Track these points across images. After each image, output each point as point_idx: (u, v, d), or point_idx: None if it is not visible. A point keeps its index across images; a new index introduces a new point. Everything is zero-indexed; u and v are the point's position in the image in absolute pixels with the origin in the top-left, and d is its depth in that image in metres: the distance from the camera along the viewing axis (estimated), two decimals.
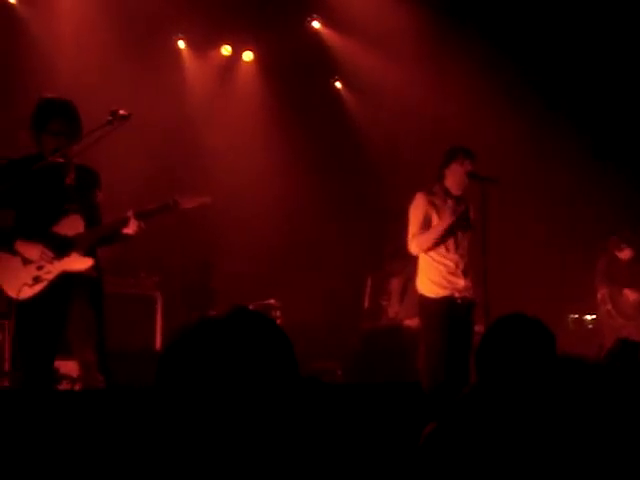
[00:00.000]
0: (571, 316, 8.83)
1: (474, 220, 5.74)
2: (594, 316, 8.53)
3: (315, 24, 9.52)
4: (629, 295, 7.85)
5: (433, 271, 5.63)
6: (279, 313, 7.74)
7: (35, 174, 4.38)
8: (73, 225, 4.48)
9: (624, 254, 7.89)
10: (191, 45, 9.41)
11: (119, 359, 6.14)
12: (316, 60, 9.54)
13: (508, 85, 8.87)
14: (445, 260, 5.63)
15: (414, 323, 7.22)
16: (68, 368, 5.56)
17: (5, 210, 4.47)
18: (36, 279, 4.37)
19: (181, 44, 9.37)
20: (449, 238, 5.64)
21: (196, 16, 8.78)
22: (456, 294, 5.59)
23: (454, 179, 5.68)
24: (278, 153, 9.40)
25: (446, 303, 5.56)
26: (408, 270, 7.10)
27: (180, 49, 9.39)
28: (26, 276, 4.36)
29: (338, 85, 10.11)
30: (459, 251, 5.66)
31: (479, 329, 5.59)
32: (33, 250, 4.37)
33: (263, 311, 6.86)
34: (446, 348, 5.45)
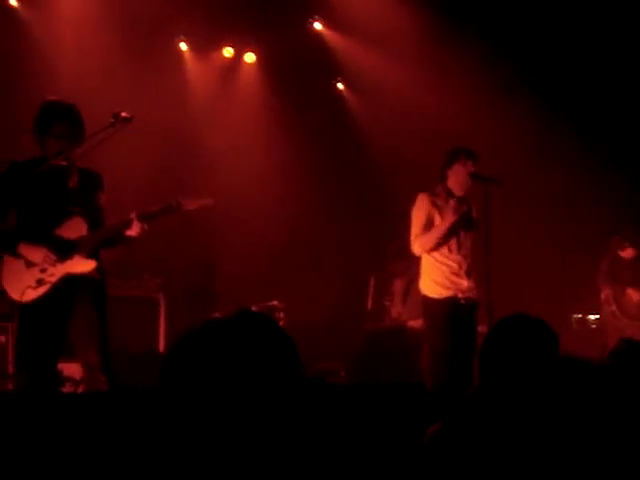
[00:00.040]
0: (574, 316, 8.82)
1: (477, 220, 5.74)
2: (597, 316, 8.52)
3: (317, 25, 9.52)
4: (632, 295, 7.85)
5: (436, 272, 5.63)
6: (282, 314, 7.74)
7: (38, 177, 4.39)
8: (76, 228, 4.49)
9: (627, 253, 7.89)
10: (193, 47, 9.42)
11: (122, 361, 6.17)
12: (317, 61, 9.54)
13: (509, 85, 8.86)
14: (448, 261, 5.62)
15: (417, 324, 7.22)
16: (71, 370, 5.57)
17: (9, 213, 4.48)
18: (39, 282, 4.37)
19: (183, 46, 9.37)
20: (452, 239, 5.63)
21: (198, 18, 8.78)
22: (459, 295, 5.59)
23: (456, 180, 5.67)
24: (280, 154, 9.40)
25: (449, 304, 5.55)
26: (411, 271, 7.09)
27: (182, 51, 9.40)
28: (29, 279, 4.36)
29: (340, 86, 10.11)
30: (462, 252, 5.66)
31: (482, 329, 5.59)
32: (36, 253, 4.37)
33: (266, 312, 6.86)
34: (449, 349, 5.45)
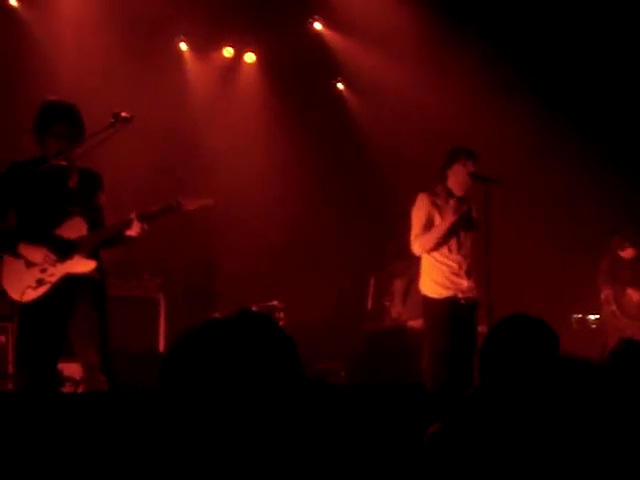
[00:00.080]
0: (574, 316, 8.81)
1: (477, 220, 5.74)
2: (597, 316, 8.52)
3: (317, 25, 9.52)
4: (632, 295, 7.84)
5: (436, 272, 5.63)
6: (282, 314, 7.74)
7: (38, 177, 4.39)
8: (76, 228, 4.49)
9: (627, 253, 7.89)
10: (193, 47, 9.42)
11: (122, 361, 6.17)
12: (317, 61, 9.54)
13: (509, 85, 8.86)
14: (448, 261, 5.62)
15: (417, 324, 7.23)
16: (71, 370, 5.57)
17: (9, 213, 4.49)
18: (39, 282, 4.38)
19: (183, 46, 9.37)
20: (452, 239, 5.63)
21: (198, 18, 8.78)
22: (459, 295, 5.59)
23: (456, 180, 5.67)
24: (280, 154, 9.40)
25: (449, 304, 5.55)
26: (411, 271, 7.09)
27: (182, 51, 9.40)
28: (29, 279, 4.37)
29: (340, 86, 10.11)
30: (462, 252, 5.66)
31: (482, 329, 5.59)
32: (36, 253, 4.37)
33: (266, 312, 6.86)
34: (450, 349, 5.45)
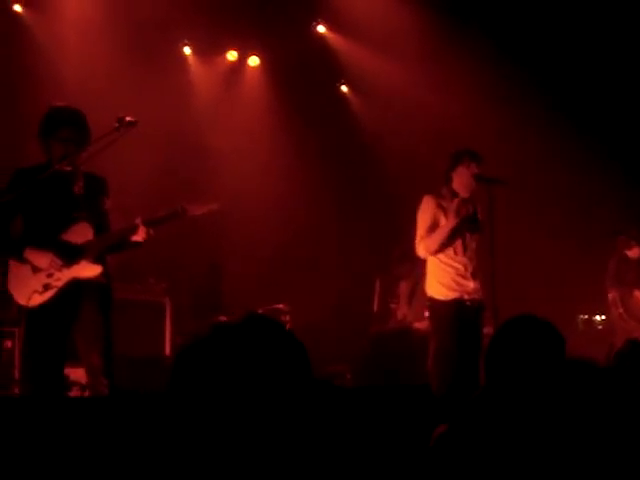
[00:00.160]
0: (580, 317, 8.79)
1: (482, 222, 5.73)
2: (604, 317, 8.49)
3: (320, 28, 9.54)
4: (639, 296, 7.78)
5: (442, 274, 5.62)
6: (288, 317, 7.74)
7: (43, 183, 4.40)
8: (82, 233, 4.50)
9: (634, 252, 7.81)
10: (197, 51, 9.44)
11: (129, 365, 6.17)
12: (321, 64, 9.55)
13: (512, 85, 8.85)
14: (454, 262, 5.62)
15: (423, 326, 7.22)
16: (78, 375, 5.57)
17: (16, 219, 4.50)
18: (46, 287, 4.39)
19: (187, 50, 9.39)
20: (457, 240, 5.63)
21: (201, 22, 8.80)
22: (465, 296, 5.58)
23: (461, 182, 5.66)
24: (284, 156, 9.40)
25: (455, 305, 5.54)
26: (416, 273, 7.09)
27: (186, 55, 9.42)
28: (36, 284, 4.38)
29: (344, 88, 10.11)
30: (467, 253, 5.65)
31: (488, 331, 5.58)
32: (42, 258, 4.38)
33: (272, 315, 6.86)
34: (456, 350, 5.44)
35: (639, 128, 8.76)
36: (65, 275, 4.41)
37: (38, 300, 4.37)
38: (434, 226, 5.61)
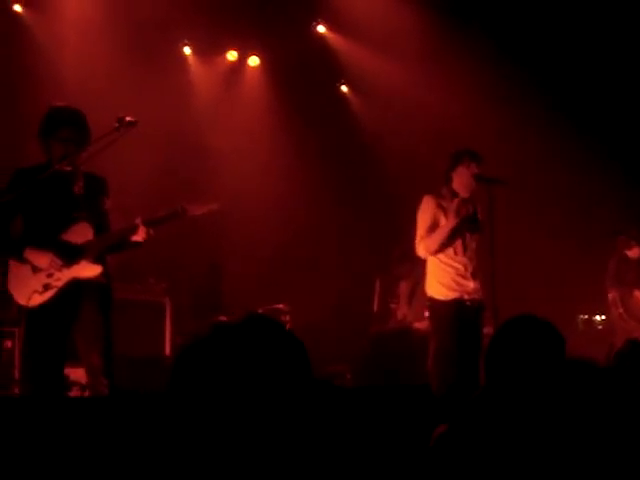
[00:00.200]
0: (580, 317, 8.78)
1: (483, 222, 5.73)
2: (603, 317, 8.48)
3: (320, 28, 9.54)
4: (639, 297, 7.76)
5: (442, 274, 5.62)
6: (288, 317, 7.74)
7: (43, 182, 4.40)
8: (82, 233, 4.50)
9: (633, 253, 7.80)
10: (197, 51, 9.44)
11: (129, 365, 6.17)
12: (321, 64, 9.55)
13: (513, 85, 8.85)
14: (454, 263, 5.62)
15: (423, 326, 7.22)
16: (78, 375, 5.57)
17: (16, 219, 4.50)
18: (46, 287, 4.39)
19: (187, 50, 9.39)
20: (457, 240, 5.63)
21: (201, 22, 8.80)
22: (465, 296, 5.58)
23: (461, 182, 5.66)
24: (284, 156, 9.40)
25: (455, 305, 5.54)
26: (416, 273, 7.09)
27: (186, 55, 9.42)
28: (36, 284, 4.38)
29: (344, 88, 10.11)
30: (467, 253, 5.65)
31: (488, 331, 5.58)
32: (42, 258, 4.38)
33: (272, 316, 6.86)
34: (456, 350, 5.44)
35: (639, 128, 8.76)
36: (65, 275, 4.41)
37: (38, 300, 4.37)
38: (434, 226, 5.60)
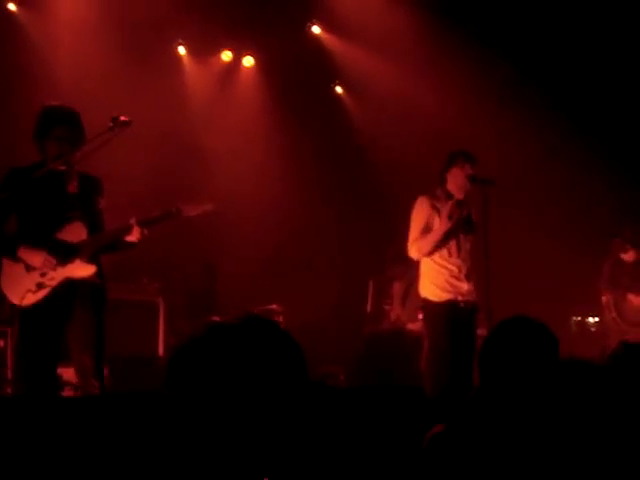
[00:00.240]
0: (574, 318, 8.79)
1: (477, 223, 5.73)
2: (597, 319, 8.49)
3: (315, 29, 9.54)
4: (633, 300, 7.74)
5: (436, 275, 5.63)
6: (282, 318, 7.74)
7: (37, 182, 4.39)
8: (76, 232, 4.49)
9: (629, 256, 7.76)
10: (191, 51, 9.43)
11: (122, 365, 6.17)
12: (316, 64, 9.55)
13: (508, 85, 8.86)
14: (448, 264, 5.62)
15: (416, 327, 7.23)
16: (70, 375, 5.56)
17: (9, 218, 4.49)
18: (39, 286, 4.38)
19: (181, 50, 9.38)
20: (451, 242, 5.63)
21: (196, 22, 8.79)
22: (459, 298, 5.59)
23: (455, 183, 5.67)
24: (279, 156, 9.41)
25: (449, 307, 5.55)
26: (410, 274, 7.10)
27: (180, 55, 9.41)
28: (29, 283, 4.37)
29: (339, 89, 10.11)
30: (461, 255, 5.66)
31: (482, 332, 5.59)
32: (36, 257, 4.37)
33: (266, 316, 6.84)
34: (450, 351, 5.45)
35: (639, 128, 8.76)
36: (59, 274, 4.40)
37: (32, 299, 4.36)
38: (428, 227, 5.61)
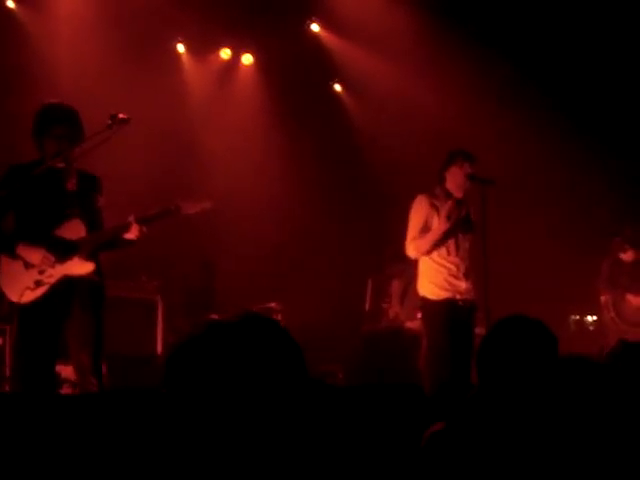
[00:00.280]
0: (572, 317, 8.79)
1: (475, 222, 5.74)
2: (595, 317, 8.49)
3: (314, 27, 9.53)
4: (632, 300, 7.73)
5: (435, 273, 5.63)
6: (280, 316, 7.73)
7: (36, 179, 4.39)
8: (75, 229, 4.49)
9: (628, 256, 7.75)
10: (190, 49, 9.42)
11: (120, 363, 6.16)
12: (315, 62, 9.55)
13: (507, 85, 8.86)
14: (446, 263, 5.63)
15: (415, 325, 7.23)
16: (69, 372, 5.56)
17: (8, 215, 4.48)
18: (38, 283, 4.37)
19: (181, 48, 9.38)
20: (450, 240, 5.63)
21: (195, 20, 8.79)
22: (457, 296, 5.59)
23: (454, 182, 5.68)
24: (278, 155, 9.41)
25: (447, 305, 5.56)
26: (408, 272, 7.10)
27: (180, 53, 9.41)
28: (28, 280, 4.36)
29: (338, 87, 10.11)
30: (460, 253, 5.66)
31: (480, 331, 5.59)
32: (35, 254, 4.37)
33: (264, 314, 6.83)
34: (448, 349, 5.45)
35: (639, 128, 8.76)
36: (57, 271, 4.40)
37: (30, 297, 4.35)
38: (425, 227, 5.62)
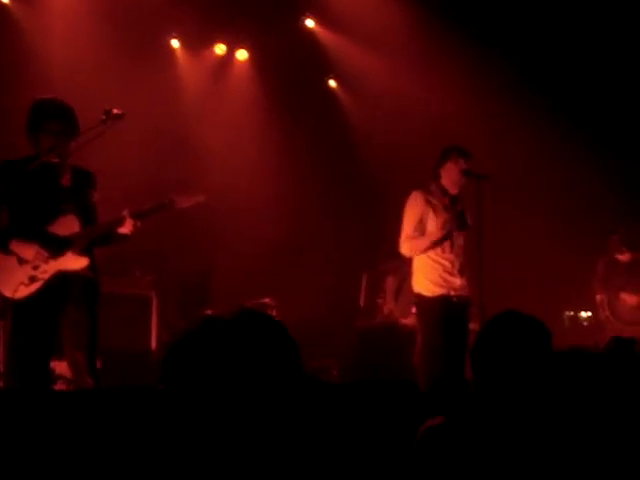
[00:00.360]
0: (566, 313, 8.81)
1: (471, 223, 5.74)
2: (589, 313, 8.50)
3: (309, 22, 9.51)
4: (627, 299, 7.72)
5: (429, 270, 5.64)
6: (275, 312, 7.73)
7: (30, 175, 4.38)
8: (68, 225, 4.48)
9: (624, 256, 7.73)
10: (185, 44, 9.40)
11: (114, 359, 6.14)
12: (310, 58, 9.54)
13: (505, 83, 8.85)
14: (441, 259, 5.64)
15: (409, 321, 7.24)
16: (63, 368, 5.55)
17: (1, 210, 4.47)
18: (32, 279, 4.37)
19: (175, 43, 9.35)
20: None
21: (190, 15, 8.77)
22: (452, 293, 5.61)
23: (449, 178, 5.68)
24: (273, 151, 9.39)
25: (442, 302, 5.57)
26: (403, 269, 7.10)
27: (174, 48, 9.38)
28: (22, 276, 4.36)
29: (332, 83, 10.10)
30: (455, 250, 5.67)
31: (474, 327, 5.61)
32: (28, 250, 4.36)
33: (259, 310, 6.83)
34: (443, 345, 5.47)
35: (636, 127, 8.76)
36: (51, 267, 4.39)
37: (24, 292, 4.35)
38: (420, 225, 5.63)
